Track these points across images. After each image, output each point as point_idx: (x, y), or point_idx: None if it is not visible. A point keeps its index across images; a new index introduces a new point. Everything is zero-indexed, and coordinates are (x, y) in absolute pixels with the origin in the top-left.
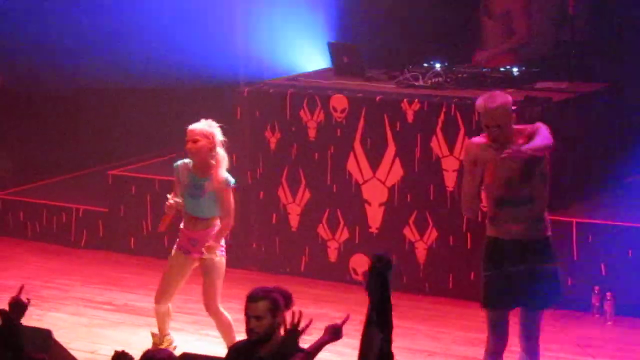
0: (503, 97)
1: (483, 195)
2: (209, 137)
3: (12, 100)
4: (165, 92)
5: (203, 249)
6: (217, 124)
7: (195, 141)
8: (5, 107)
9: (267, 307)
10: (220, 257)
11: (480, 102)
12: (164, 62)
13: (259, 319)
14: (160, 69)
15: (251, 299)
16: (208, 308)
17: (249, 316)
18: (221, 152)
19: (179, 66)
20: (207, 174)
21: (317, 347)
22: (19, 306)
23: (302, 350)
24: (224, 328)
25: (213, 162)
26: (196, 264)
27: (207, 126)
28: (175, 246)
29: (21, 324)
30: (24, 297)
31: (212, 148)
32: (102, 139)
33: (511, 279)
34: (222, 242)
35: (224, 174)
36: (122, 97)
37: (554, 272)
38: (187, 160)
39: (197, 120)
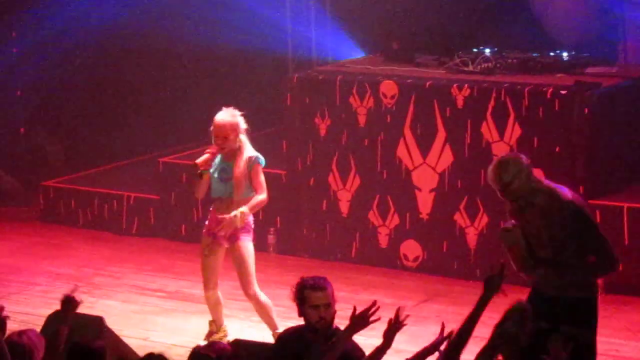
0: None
1: None
2: (235, 129)
3: (64, 88)
4: (216, 78)
5: (224, 220)
6: (239, 112)
7: (225, 138)
8: (57, 96)
9: (330, 295)
10: (246, 241)
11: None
12: (215, 48)
13: (327, 308)
14: (211, 55)
15: (317, 288)
16: (246, 293)
17: (316, 306)
18: (243, 138)
19: (231, 53)
20: (234, 159)
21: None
22: (71, 303)
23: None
24: (264, 312)
25: (238, 145)
26: (225, 245)
27: (232, 118)
28: (203, 231)
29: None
30: (76, 296)
31: (237, 136)
32: (153, 126)
33: (538, 337)
34: (251, 219)
35: (252, 152)
36: (173, 84)
37: (582, 339)
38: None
39: (249, 107)
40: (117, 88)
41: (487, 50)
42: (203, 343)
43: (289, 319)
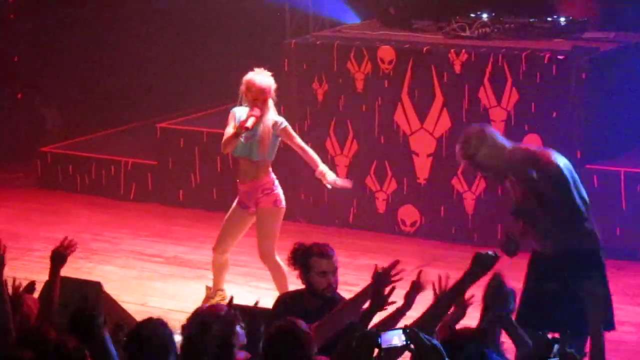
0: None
1: None
2: (272, 92)
3: (62, 54)
4: (213, 44)
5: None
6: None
7: (265, 101)
8: (55, 62)
9: (337, 261)
10: (276, 207)
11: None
12: (212, 14)
13: (334, 274)
14: (209, 21)
15: (325, 255)
16: (265, 259)
17: (324, 272)
18: (271, 101)
19: (228, 18)
20: (261, 120)
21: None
22: (59, 256)
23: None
24: (281, 279)
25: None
26: (254, 219)
27: (268, 79)
28: (235, 201)
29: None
30: (64, 249)
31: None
32: (150, 92)
33: (544, 297)
34: (280, 192)
35: (277, 116)
36: (170, 50)
37: (593, 292)
38: (244, 107)
39: (243, 72)
40: (114, 54)
41: (485, 15)
42: None
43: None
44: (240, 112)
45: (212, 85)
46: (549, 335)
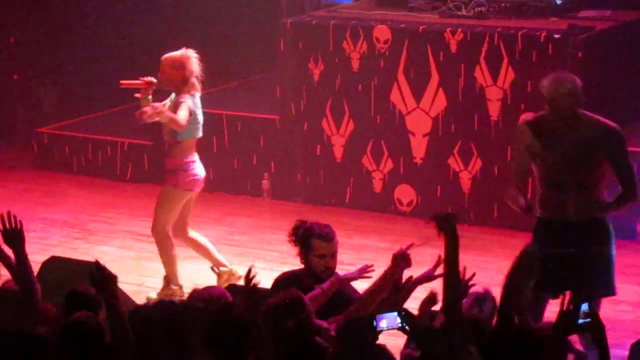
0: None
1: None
2: (173, 66)
3: (56, 34)
4: (208, 23)
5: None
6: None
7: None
8: (49, 42)
9: (337, 244)
10: (172, 188)
11: (547, 84)
12: None
13: (333, 257)
14: (201, 3)
15: (326, 237)
16: (153, 233)
17: (322, 255)
18: None
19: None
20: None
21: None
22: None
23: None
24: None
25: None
26: (183, 194)
27: (175, 56)
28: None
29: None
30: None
31: None
32: (146, 73)
33: (559, 262)
34: (189, 174)
35: (184, 96)
36: (165, 29)
37: (608, 259)
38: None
39: (239, 53)
40: (111, 34)
41: None
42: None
43: (284, 264)
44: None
45: (209, 65)
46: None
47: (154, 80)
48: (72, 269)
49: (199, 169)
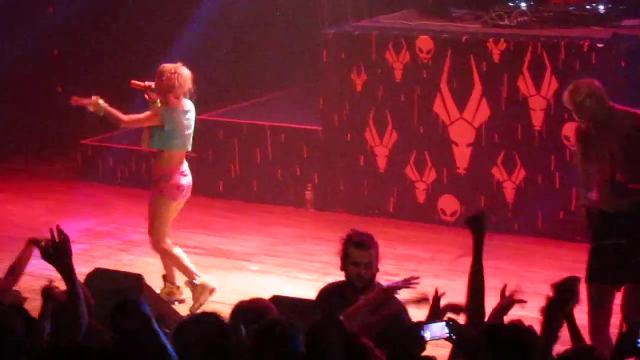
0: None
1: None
2: (163, 78)
3: (101, 47)
4: (250, 36)
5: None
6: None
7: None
8: (94, 55)
9: (374, 255)
10: (160, 197)
11: (565, 98)
12: (248, 6)
13: (367, 267)
14: (244, 14)
15: (361, 246)
16: (152, 244)
17: (357, 263)
18: None
19: (263, 10)
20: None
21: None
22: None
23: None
24: (175, 262)
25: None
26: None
27: (164, 68)
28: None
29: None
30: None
31: None
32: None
33: (621, 253)
34: (174, 183)
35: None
36: (205, 45)
37: None
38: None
39: (282, 63)
40: (154, 46)
41: (523, 4)
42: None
43: (328, 275)
44: None
45: (251, 76)
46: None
47: (152, 85)
48: (117, 281)
49: (182, 179)
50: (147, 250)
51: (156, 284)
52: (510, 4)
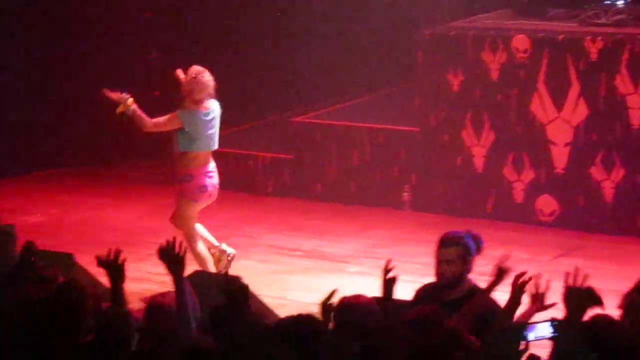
0: None
1: None
2: (184, 83)
3: (196, 51)
4: (346, 37)
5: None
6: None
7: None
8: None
9: (458, 252)
10: (180, 198)
11: None
12: (343, 7)
13: (449, 264)
14: (339, 15)
15: (443, 243)
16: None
17: (439, 260)
18: None
19: (358, 10)
20: None
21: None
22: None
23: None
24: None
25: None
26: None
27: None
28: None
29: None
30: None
31: None
32: (284, 86)
33: None
34: (193, 184)
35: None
36: (303, 44)
37: None
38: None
39: (377, 65)
40: (249, 49)
41: (620, 2)
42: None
43: (426, 276)
44: None
45: (347, 77)
46: None
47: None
48: (215, 283)
49: (207, 180)
50: (244, 253)
51: (254, 286)
52: (607, 2)
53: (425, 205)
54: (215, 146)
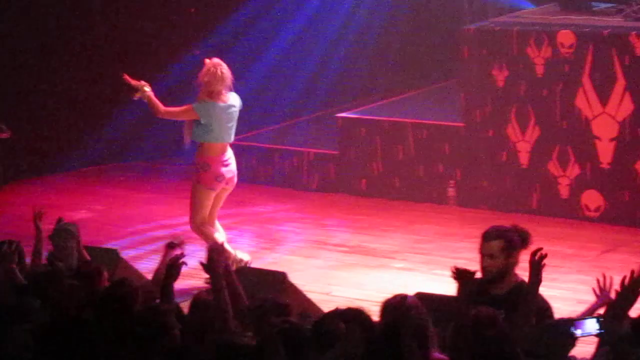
0: None
1: None
2: (201, 77)
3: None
4: (390, 34)
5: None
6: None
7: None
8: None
9: (501, 246)
10: (198, 184)
11: None
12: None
13: (492, 258)
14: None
15: (486, 237)
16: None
17: (483, 254)
18: None
19: (403, 8)
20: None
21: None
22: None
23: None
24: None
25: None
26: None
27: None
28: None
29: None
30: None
31: None
32: (330, 82)
33: None
34: (209, 172)
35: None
36: (345, 42)
37: None
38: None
39: (422, 60)
40: (296, 46)
41: None
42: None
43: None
44: None
45: (392, 73)
46: None
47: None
48: (260, 279)
49: (223, 168)
50: (290, 248)
51: (300, 281)
52: None
53: (470, 200)
54: (232, 139)
